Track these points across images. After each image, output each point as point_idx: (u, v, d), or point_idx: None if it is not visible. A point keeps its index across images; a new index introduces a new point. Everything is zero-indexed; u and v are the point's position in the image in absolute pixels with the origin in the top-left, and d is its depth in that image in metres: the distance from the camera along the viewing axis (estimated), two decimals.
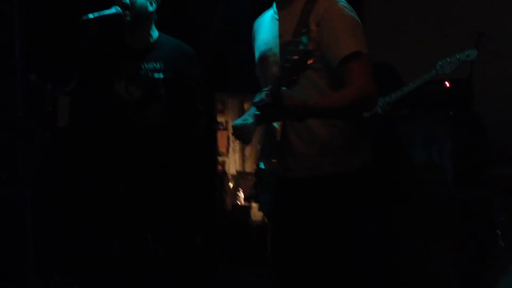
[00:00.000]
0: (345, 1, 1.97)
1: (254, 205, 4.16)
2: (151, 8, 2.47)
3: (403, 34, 4.52)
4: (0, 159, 2.78)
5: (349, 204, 1.95)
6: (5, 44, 2.66)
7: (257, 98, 1.84)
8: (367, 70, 1.87)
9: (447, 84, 3.60)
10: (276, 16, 2.06)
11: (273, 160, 2.00)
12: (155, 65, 2.45)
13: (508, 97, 3.89)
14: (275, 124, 2.00)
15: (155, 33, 2.54)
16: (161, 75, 2.44)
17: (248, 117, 2.10)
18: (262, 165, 2.08)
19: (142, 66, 2.45)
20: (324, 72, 1.92)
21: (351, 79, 1.85)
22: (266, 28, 2.11)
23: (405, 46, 4.43)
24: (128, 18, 2.38)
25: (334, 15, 1.89)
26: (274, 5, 2.09)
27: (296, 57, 1.71)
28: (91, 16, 2.23)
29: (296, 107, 1.74)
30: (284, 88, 1.73)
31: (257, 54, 2.14)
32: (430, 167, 3.63)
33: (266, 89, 1.85)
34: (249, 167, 6.27)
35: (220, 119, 6.23)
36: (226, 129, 6.28)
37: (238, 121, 2.14)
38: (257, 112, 1.85)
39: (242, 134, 2.09)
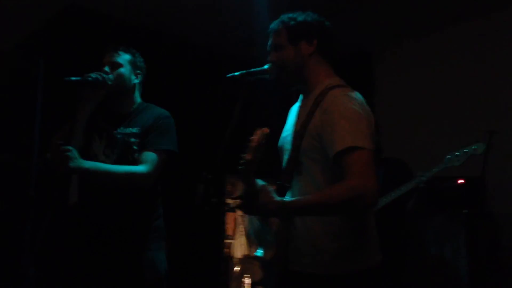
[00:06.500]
0: (356, 94, 1.90)
1: None
2: (134, 80, 2.58)
3: (416, 131, 4.57)
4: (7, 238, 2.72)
5: None
6: (25, 124, 2.69)
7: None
8: (364, 166, 1.71)
9: (461, 181, 3.60)
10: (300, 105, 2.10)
11: (271, 252, 1.96)
12: (131, 129, 2.49)
13: None
14: None
15: (137, 101, 2.61)
16: (137, 140, 2.46)
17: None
18: (259, 253, 2.04)
19: (120, 130, 2.50)
20: (321, 164, 1.87)
21: (345, 175, 1.72)
22: (292, 115, 2.14)
23: (417, 142, 4.47)
24: (110, 83, 2.45)
25: (336, 109, 1.83)
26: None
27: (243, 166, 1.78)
28: (73, 78, 2.30)
29: (268, 205, 1.72)
30: (262, 183, 1.73)
31: (280, 140, 2.15)
32: (443, 263, 3.54)
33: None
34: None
35: (229, 201, 6.19)
36: (234, 211, 6.22)
37: None
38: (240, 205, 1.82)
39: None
